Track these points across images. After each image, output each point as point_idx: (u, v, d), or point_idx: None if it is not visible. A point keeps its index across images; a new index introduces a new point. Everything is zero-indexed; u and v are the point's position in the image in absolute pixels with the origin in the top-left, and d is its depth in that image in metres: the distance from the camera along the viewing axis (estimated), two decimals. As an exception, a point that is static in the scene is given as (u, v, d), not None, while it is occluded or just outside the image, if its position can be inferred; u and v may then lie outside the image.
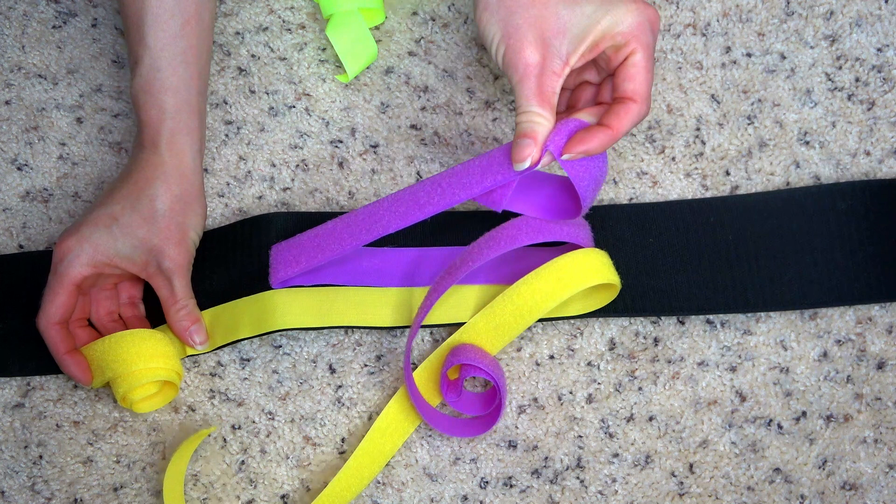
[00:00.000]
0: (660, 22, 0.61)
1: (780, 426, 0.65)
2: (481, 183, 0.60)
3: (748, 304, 0.66)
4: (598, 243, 0.66)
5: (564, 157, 0.57)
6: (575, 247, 0.63)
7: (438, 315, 0.66)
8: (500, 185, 0.60)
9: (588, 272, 0.62)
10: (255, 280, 0.67)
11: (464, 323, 0.65)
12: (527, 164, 0.57)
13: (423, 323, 0.65)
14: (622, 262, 0.66)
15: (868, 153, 0.70)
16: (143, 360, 0.63)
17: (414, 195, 0.62)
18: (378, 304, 0.66)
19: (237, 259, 0.68)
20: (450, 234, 0.68)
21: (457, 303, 0.66)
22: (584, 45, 0.57)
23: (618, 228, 0.68)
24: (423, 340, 0.68)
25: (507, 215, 0.63)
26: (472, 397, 0.66)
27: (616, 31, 0.56)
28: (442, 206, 0.61)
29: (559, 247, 0.66)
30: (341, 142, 0.72)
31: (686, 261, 0.67)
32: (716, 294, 0.66)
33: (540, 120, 0.57)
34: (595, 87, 0.62)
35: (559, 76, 0.57)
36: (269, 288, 0.66)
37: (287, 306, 0.65)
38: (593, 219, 0.67)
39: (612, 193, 0.70)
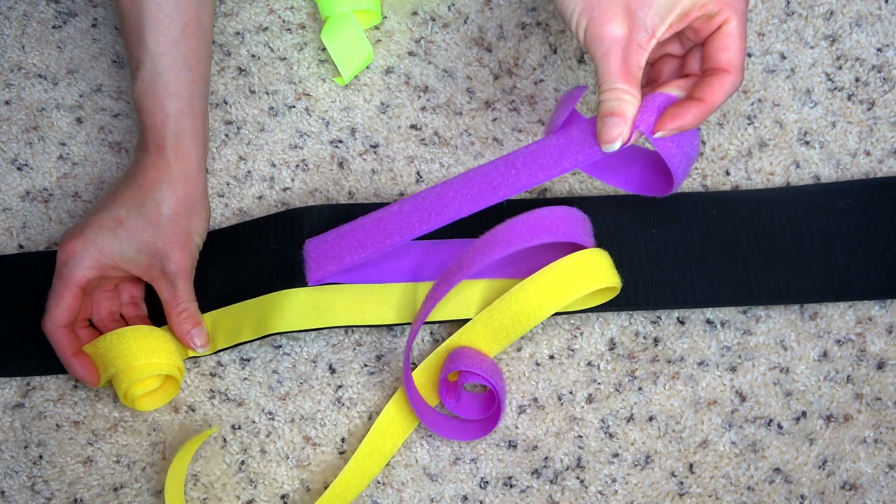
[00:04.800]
0: None
1: (780, 426, 0.65)
2: (561, 163, 0.58)
3: (751, 298, 0.66)
4: (600, 233, 0.66)
5: (657, 134, 0.54)
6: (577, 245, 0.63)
7: (442, 311, 0.66)
8: (581, 165, 0.57)
9: (587, 277, 0.62)
10: (258, 282, 0.67)
11: (468, 319, 0.65)
12: (617, 145, 0.55)
13: (427, 319, 0.65)
14: (624, 252, 0.66)
15: (868, 153, 0.70)
16: (145, 356, 0.63)
17: (486, 176, 0.60)
18: (380, 302, 0.66)
19: (240, 261, 0.68)
20: (458, 226, 0.67)
21: (461, 299, 0.66)
22: (673, 15, 0.53)
23: (620, 219, 0.67)
24: (422, 340, 0.67)
25: (506, 215, 0.62)
26: (471, 400, 0.66)
27: None
28: (518, 188, 0.59)
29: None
30: (341, 142, 0.72)
31: (688, 253, 0.67)
32: (717, 287, 0.66)
33: (627, 97, 0.54)
34: (678, 59, 0.59)
35: (645, 49, 0.54)
36: (271, 290, 0.66)
37: (288, 309, 0.65)
38: (595, 209, 0.67)
39: (613, 193, 0.69)
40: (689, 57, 0.58)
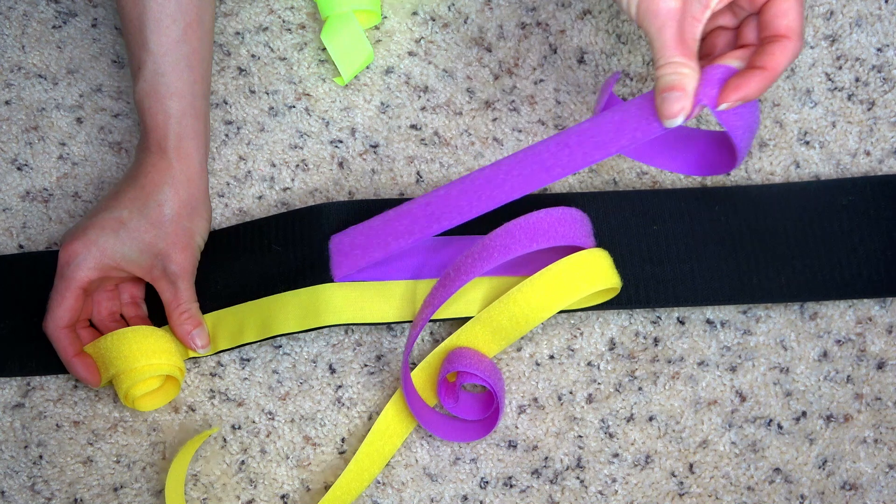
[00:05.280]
0: None
1: (780, 426, 0.65)
2: (618, 141, 0.56)
3: (752, 295, 0.66)
4: (601, 230, 0.65)
5: (721, 107, 0.53)
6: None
7: (443, 310, 0.65)
8: (637, 143, 0.56)
9: (586, 278, 0.62)
10: (260, 283, 0.67)
11: (469, 318, 0.65)
12: (679, 120, 0.53)
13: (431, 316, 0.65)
14: (625, 249, 0.66)
15: (868, 153, 0.70)
16: (146, 357, 0.63)
17: (538, 156, 0.58)
18: (380, 300, 0.65)
19: (242, 262, 0.68)
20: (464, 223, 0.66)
21: (463, 297, 0.65)
22: None
23: (621, 216, 0.67)
24: (423, 340, 0.67)
25: (504, 217, 0.62)
26: (469, 400, 0.66)
27: None
28: (573, 167, 0.58)
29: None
30: (341, 142, 0.72)
31: (690, 250, 0.67)
32: (718, 284, 0.66)
33: (686, 70, 0.53)
34: (731, 31, 0.58)
35: (700, 21, 0.53)
36: (274, 291, 0.66)
37: (289, 310, 0.65)
38: (596, 205, 0.67)
39: (614, 190, 0.69)
40: (744, 27, 0.57)
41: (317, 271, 0.66)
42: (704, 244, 0.67)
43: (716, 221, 0.67)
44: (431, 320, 0.66)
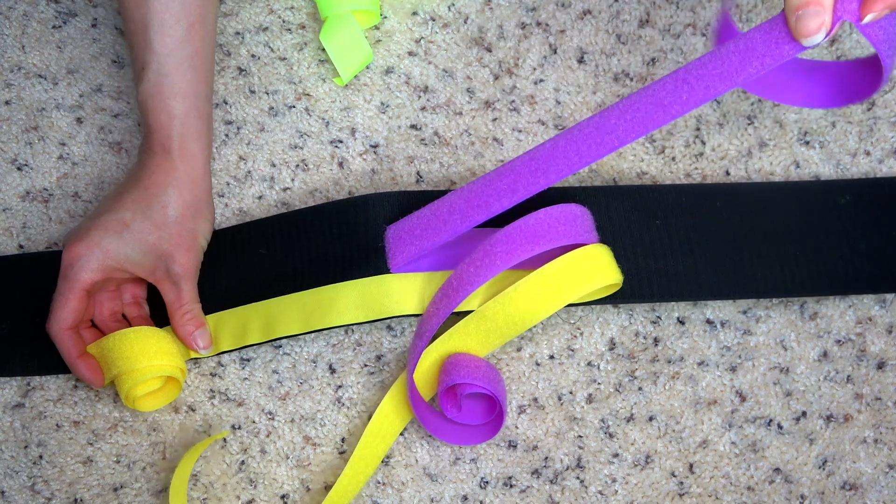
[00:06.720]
0: None
1: (780, 426, 0.65)
2: (746, 68, 0.53)
3: (755, 291, 0.66)
4: (603, 225, 0.65)
5: (867, 18, 0.49)
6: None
7: None
8: (765, 71, 0.52)
9: (584, 276, 0.61)
10: (262, 284, 0.67)
11: (471, 311, 0.64)
12: (819, 37, 0.50)
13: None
14: (627, 244, 0.66)
15: (868, 153, 0.70)
16: (147, 358, 0.63)
17: (653, 96, 0.55)
18: (382, 296, 0.65)
19: (243, 263, 0.68)
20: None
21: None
22: None
23: (623, 211, 0.67)
24: (423, 340, 0.68)
25: (506, 217, 0.62)
26: (472, 405, 0.65)
27: None
28: (693, 103, 0.54)
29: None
30: (341, 142, 0.72)
31: (692, 245, 0.67)
32: (720, 279, 0.66)
33: None
34: None
35: None
36: (274, 292, 0.66)
37: (292, 312, 0.65)
38: (598, 200, 0.67)
39: (614, 185, 0.69)
40: None
41: (323, 270, 0.66)
42: (706, 239, 0.67)
43: (717, 217, 0.67)
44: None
